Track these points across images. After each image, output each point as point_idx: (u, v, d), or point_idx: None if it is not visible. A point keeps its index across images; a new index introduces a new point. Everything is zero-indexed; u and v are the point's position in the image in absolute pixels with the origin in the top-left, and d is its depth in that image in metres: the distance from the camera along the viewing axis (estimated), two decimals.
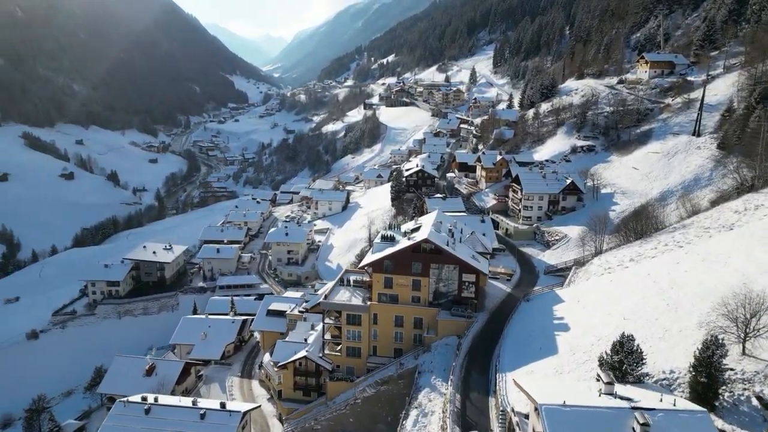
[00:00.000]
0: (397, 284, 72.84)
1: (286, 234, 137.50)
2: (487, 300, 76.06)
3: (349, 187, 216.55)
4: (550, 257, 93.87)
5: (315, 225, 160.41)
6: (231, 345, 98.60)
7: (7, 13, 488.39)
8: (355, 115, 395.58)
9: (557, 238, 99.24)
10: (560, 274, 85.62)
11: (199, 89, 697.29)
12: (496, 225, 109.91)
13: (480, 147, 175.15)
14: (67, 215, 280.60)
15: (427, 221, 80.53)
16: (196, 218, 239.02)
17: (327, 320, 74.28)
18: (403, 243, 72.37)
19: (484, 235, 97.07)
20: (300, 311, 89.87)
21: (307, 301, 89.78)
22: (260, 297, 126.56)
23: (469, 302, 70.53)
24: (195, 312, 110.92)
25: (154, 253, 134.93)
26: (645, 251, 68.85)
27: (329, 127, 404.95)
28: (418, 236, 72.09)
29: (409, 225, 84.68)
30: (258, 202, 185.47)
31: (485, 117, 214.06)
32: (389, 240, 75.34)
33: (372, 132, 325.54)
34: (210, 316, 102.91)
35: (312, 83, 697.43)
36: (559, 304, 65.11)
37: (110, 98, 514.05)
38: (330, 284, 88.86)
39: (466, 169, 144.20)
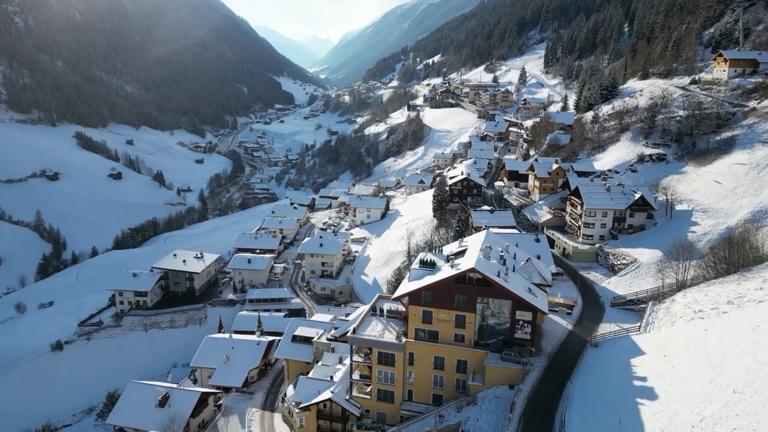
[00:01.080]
0: (437, 319, 62.08)
1: (321, 245, 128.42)
2: (545, 339, 63.97)
3: (389, 193, 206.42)
4: (617, 285, 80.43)
5: (351, 234, 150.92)
6: (255, 370, 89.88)
7: (66, 17, 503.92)
8: (399, 116, 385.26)
9: (625, 262, 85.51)
10: (630, 307, 72.49)
11: (246, 90, 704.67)
12: (551, 243, 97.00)
13: (531, 153, 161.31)
14: (113, 215, 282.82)
15: (473, 244, 69.29)
16: (234, 222, 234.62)
17: (356, 357, 64.08)
18: (446, 271, 61.48)
19: (539, 257, 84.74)
20: (328, 339, 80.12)
21: (336, 328, 79.88)
22: (291, 313, 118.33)
23: (523, 345, 58.70)
24: (220, 329, 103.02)
25: (184, 261, 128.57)
26: (747, 292, 55.10)
27: (372, 129, 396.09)
28: (464, 264, 60.96)
29: (452, 247, 73.66)
30: (295, 208, 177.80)
31: (536, 119, 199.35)
32: (429, 266, 64.71)
33: (415, 134, 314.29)
34: (234, 336, 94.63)
35: (356, 84, 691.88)
36: (639, 356, 52.41)
37: (160, 99, 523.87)
38: (360, 311, 78.90)
39: (517, 177, 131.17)
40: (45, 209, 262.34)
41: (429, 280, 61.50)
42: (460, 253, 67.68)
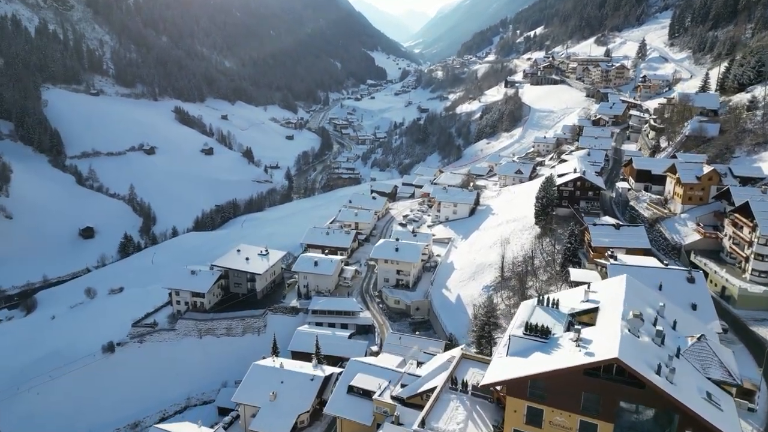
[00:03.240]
0: (550, 423, 39.94)
1: (397, 249, 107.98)
2: None
3: (480, 182, 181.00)
4: None
5: (434, 234, 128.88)
6: (306, 414, 72.23)
7: None
8: (494, 94, 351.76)
9: None
10: None
11: (340, 65, 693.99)
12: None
13: (662, 144, 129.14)
14: (201, 191, 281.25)
15: (608, 299, 46.10)
16: (314, 206, 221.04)
17: None
18: (568, 350, 39.18)
19: (694, 308, 59.17)
20: (393, 398, 59.93)
21: (404, 386, 59.37)
22: (359, 329, 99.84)
23: None
24: (275, 350, 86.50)
25: (246, 259, 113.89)
26: None
27: (464, 107, 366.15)
28: (598, 345, 38.36)
29: (573, 296, 50.16)
30: (374, 197, 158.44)
31: (661, 101, 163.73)
32: (540, 334, 42.39)
33: (512, 114, 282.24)
34: (286, 366, 77.33)
35: (450, 59, 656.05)
36: None
37: (256, 74, 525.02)
38: (435, 365, 57.94)
39: (649, 179, 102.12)
40: (138, 183, 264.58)
41: (540, 362, 39.42)
42: (589, 312, 44.63)
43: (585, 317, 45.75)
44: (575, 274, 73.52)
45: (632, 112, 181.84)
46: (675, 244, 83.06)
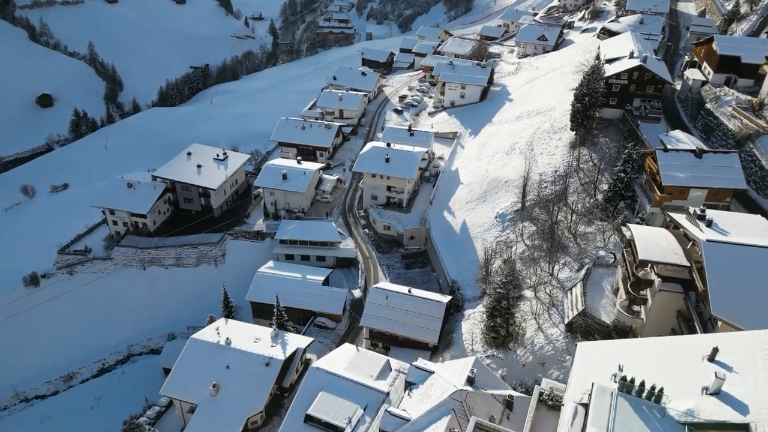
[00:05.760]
0: None
1: (387, 159, 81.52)
2: None
3: (493, 48, 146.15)
4: None
5: (434, 129, 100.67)
6: (258, 415, 53.28)
7: None
8: None
9: None
10: None
11: None
12: None
13: (742, 8, 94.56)
14: (173, 49, 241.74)
15: None
16: (298, 76, 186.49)
17: None
18: None
19: None
20: None
21: (390, 413, 38.46)
22: (339, 264, 78.18)
23: None
24: (227, 307, 65.43)
25: (199, 167, 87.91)
26: None
27: None
28: None
29: (676, 368, 26.56)
30: (364, 74, 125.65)
31: None
32: None
33: None
34: (233, 341, 56.64)
35: None
36: None
37: None
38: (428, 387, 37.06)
39: (733, 68, 72.01)
40: (100, 40, 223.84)
41: None
42: None
43: None
44: (641, 237, 48.23)
45: None
46: None
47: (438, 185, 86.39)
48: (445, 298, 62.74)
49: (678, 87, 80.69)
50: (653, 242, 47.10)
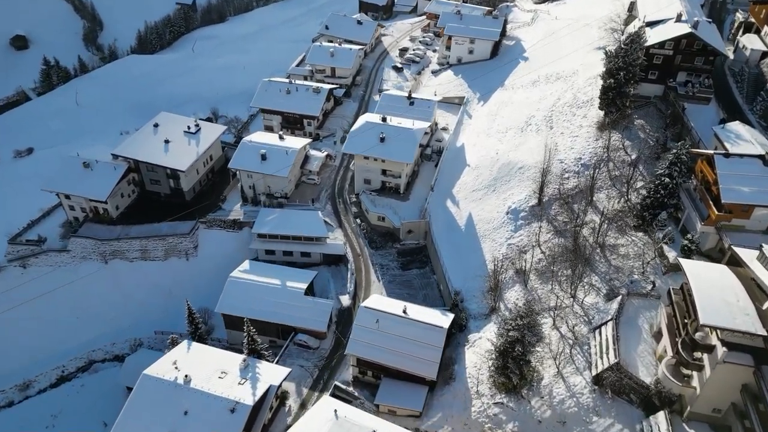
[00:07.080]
0: None
1: (383, 139, 69.00)
2: None
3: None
4: None
5: (438, 96, 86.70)
6: None
7: None
8: None
9: None
10: None
11: None
12: None
13: None
14: None
15: None
16: (289, 20, 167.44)
17: None
18: None
19: None
20: None
21: None
22: (326, 261, 67.91)
23: None
24: (193, 325, 55.77)
25: (166, 143, 75.47)
26: None
27: None
28: None
29: None
30: (359, 23, 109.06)
31: None
32: None
33: None
34: (194, 380, 47.46)
35: None
36: None
37: None
38: None
39: None
40: None
41: None
42: None
43: None
44: (701, 286, 37.20)
45: None
46: None
47: (441, 166, 74.18)
48: (446, 320, 52.76)
49: (731, 56, 66.39)
50: (716, 295, 36.22)
